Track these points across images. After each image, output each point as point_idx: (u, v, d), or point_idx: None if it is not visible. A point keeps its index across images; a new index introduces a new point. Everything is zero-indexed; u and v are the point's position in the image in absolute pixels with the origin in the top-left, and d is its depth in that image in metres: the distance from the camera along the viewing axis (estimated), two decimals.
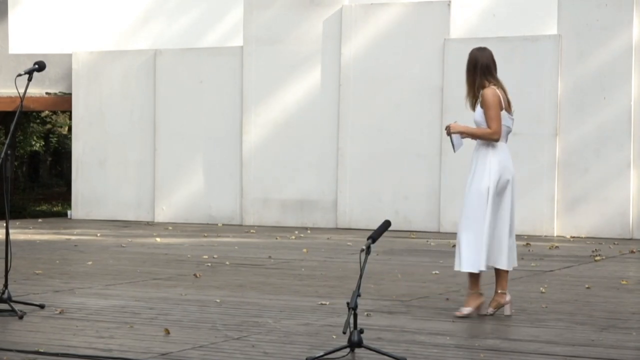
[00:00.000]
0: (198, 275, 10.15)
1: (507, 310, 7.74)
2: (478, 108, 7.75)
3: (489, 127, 7.65)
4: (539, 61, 15.78)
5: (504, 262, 7.69)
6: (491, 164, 7.66)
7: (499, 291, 7.72)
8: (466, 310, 7.64)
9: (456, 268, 7.72)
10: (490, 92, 7.69)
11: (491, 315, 7.66)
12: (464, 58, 18.09)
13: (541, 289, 9.30)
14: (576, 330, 7.17)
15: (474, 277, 7.71)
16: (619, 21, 15.44)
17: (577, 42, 15.56)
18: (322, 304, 8.28)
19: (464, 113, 15.79)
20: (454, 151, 7.93)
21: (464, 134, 7.75)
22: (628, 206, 15.28)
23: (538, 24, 16.11)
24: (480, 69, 7.78)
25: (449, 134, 7.84)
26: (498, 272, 7.73)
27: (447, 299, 8.67)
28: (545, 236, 15.41)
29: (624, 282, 9.85)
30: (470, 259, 7.59)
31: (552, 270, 10.78)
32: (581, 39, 15.54)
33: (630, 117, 15.29)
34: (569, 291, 8.98)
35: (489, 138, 7.67)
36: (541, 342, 6.72)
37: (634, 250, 13.21)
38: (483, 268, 7.62)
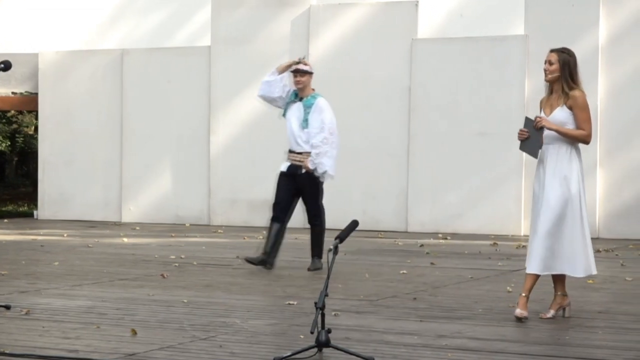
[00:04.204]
0: (165, 276, 10.11)
1: (567, 312, 7.73)
2: (564, 108, 7.58)
3: (583, 129, 7.53)
4: (506, 61, 15.83)
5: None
6: (578, 167, 7.54)
7: (560, 293, 7.74)
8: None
9: (578, 274, 7.64)
10: (582, 94, 7.59)
11: (552, 318, 7.60)
12: (431, 58, 18.00)
13: (508, 288, 9.33)
14: (543, 329, 7.19)
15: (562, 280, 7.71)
16: (585, 21, 15.51)
17: (544, 42, 15.52)
18: (289, 303, 8.27)
19: (431, 113, 15.87)
20: (536, 156, 7.56)
21: (557, 132, 7.51)
22: (594, 206, 15.33)
23: (505, 24, 16.16)
24: (576, 68, 7.63)
25: (524, 136, 7.57)
26: (560, 276, 7.71)
27: (415, 298, 8.68)
28: (512, 235, 15.44)
29: (590, 282, 9.89)
30: (583, 262, 7.58)
31: (518, 270, 10.79)
32: (548, 39, 15.50)
33: (597, 118, 15.35)
34: (535, 290, 8.98)
35: (583, 140, 7.57)
36: (509, 341, 6.74)
37: (600, 250, 13.26)
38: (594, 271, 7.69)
